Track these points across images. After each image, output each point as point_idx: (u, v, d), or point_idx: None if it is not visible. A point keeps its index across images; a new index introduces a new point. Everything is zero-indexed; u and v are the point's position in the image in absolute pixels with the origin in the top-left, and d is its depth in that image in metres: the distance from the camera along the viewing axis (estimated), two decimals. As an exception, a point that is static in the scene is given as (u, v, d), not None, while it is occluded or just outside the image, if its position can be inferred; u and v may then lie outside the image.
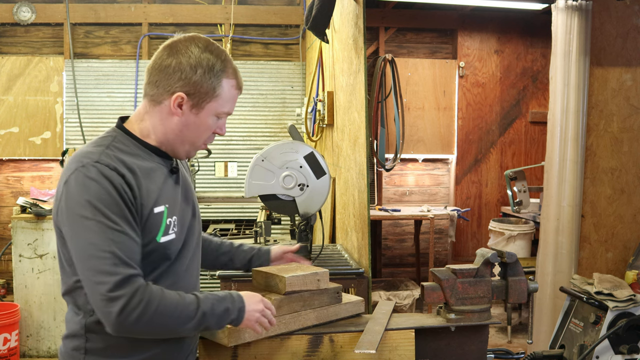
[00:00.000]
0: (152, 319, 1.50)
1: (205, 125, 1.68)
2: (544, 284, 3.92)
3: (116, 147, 1.61)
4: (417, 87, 6.06)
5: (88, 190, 1.50)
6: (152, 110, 1.66)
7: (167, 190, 1.68)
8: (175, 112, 1.64)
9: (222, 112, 1.69)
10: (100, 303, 1.47)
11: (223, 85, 1.66)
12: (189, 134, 1.68)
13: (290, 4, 5.82)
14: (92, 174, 1.52)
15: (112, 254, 1.47)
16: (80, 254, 1.50)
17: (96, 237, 1.48)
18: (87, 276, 1.49)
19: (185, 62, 1.62)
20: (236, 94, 1.71)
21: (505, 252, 2.07)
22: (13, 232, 4.55)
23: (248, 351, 1.86)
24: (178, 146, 1.69)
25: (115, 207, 1.51)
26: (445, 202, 6.31)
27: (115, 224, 1.50)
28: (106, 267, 1.46)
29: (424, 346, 2.00)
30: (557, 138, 3.90)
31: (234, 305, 1.66)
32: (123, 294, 1.46)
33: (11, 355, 4.34)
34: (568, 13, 3.83)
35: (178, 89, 1.62)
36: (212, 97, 1.65)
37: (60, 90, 5.54)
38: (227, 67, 1.67)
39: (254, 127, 5.79)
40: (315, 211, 3.01)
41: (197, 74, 1.62)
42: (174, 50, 1.63)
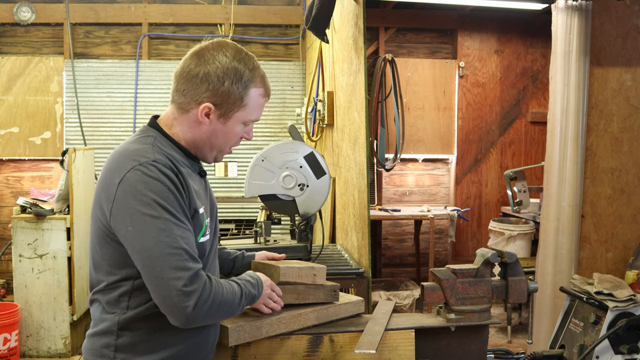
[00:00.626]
0: (217, 309, 1.57)
1: (232, 133, 1.70)
2: (544, 284, 3.91)
3: (158, 147, 1.62)
4: (417, 87, 6.07)
5: (151, 188, 1.51)
6: (180, 117, 1.68)
7: (201, 191, 1.72)
8: (203, 121, 1.65)
9: (249, 120, 1.71)
10: (177, 298, 1.48)
11: (251, 94, 1.67)
12: (217, 142, 1.70)
13: (290, 4, 5.82)
14: (153, 172, 1.53)
15: (183, 250, 1.50)
16: (150, 252, 1.49)
17: (165, 235, 1.49)
18: (159, 274, 1.49)
19: (213, 72, 1.62)
20: (264, 101, 1.73)
21: (505, 252, 2.07)
22: (13, 232, 4.55)
23: (248, 351, 1.86)
24: (206, 152, 1.72)
25: (177, 205, 1.53)
26: (445, 202, 6.31)
27: (180, 221, 1.53)
28: (180, 262, 1.49)
29: (424, 346, 2.00)
30: (557, 138, 3.90)
31: (258, 291, 1.77)
32: (196, 289, 1.50)
33: (11, 355, 4.34)
34: (568, 13, 3.83)
35: (205, 100, 1.63)
36: (239, 106, 1.66)
37: (60, 90, 5.54)
38: (255, 76, 1.67)
39: (254, 127, 5.77)
40: (315, 211, 3.01)
41: (224, 85, 1.63)
42: (202, 59, 1.64)
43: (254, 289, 1.75)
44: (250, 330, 1.81)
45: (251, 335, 1.82)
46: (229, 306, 1.62)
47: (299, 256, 3.22)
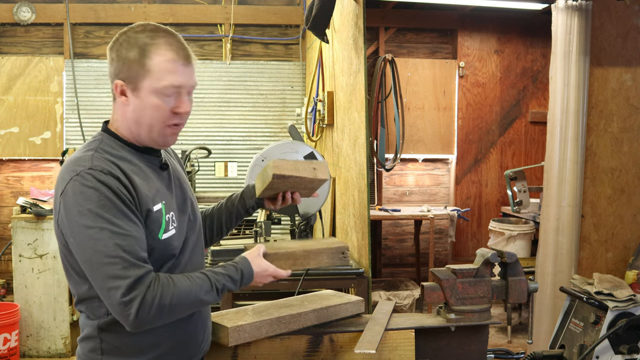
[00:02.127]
0: (170, 309, 1.53)
1: (151, 105, 1.59)
2: (544, 284, 3.91)
3: (104, 150, 1.60)
4: (417, 87, 6.06)
5: (87, 198, 1.50)
6: (114, 108, 1.67)
7: (161, 187, 1.67)
8: (122, 100, 1.62)
9: (161, 87, 1.58)
10: (117, 308, 1.49)
11: (152, 59, 1.58)
12: (145, 119, 1.61)
13: (290, 4, 5.82)
14: (88, 180, 1.51)
15: (120, 259, 1.48)
16: (90, 263, 1.50)
17: (102, 244, 1.48)
18: (99, 284, 1.50)
19: (116, 49, 1.61)
20: (177, 65, 1.60)
21: (505, 252, 2.07)
22: (13, 232, 4.55)
23: (248, 351, 1.86)
24: (143, 134, 1.64)
25: (115, 211, 1.51)
26: (445, 202, 6.31)
27: (119, 228, 1.50)
28: (117, 271, 1.48)
29: (424, 346, 2.00)
30: (557, 138, 3.90)
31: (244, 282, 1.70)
32: (136, 295, 1.48)
33: (11, 355, 4.34)
34: (568, 13, 3.83)
35: (116, 77, 1.62)
36: (143, 75, 1.58)
37: (60, 90, 5.54)
38: (156, 39, 1.60)
39: (254, 127, 5.79)
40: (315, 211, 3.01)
41: (126, 57, 1.59)
42: (112, 45, 1.64)
43: (233, 283, 1.67)
44: (250, 330, 1.81)
45: (251, 335, 1.82)
46: (189, 304, 1.58)
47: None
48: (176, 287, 1.54)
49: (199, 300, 1.59)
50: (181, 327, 1.68)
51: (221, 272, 1.66)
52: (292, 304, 2.01)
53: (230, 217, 2.00)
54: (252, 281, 1.73)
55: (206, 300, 1.61)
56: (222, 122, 5.75)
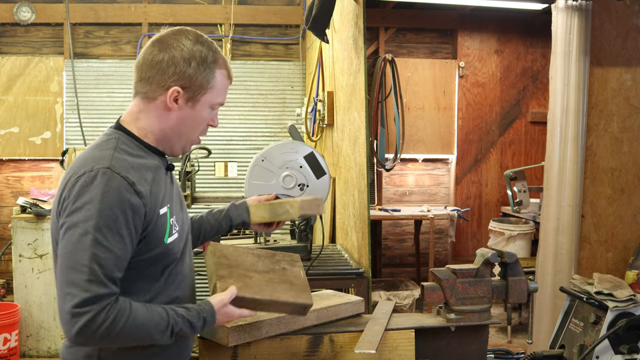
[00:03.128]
0: (117, 337, 1.47)
1: (201, 118, 1.68)
2: (544, 284, 3.91)
3: (122, 150, 1.58)
4: (417, 87, 6.06)
5: (91, 198, 1.46)
6: (146, 108, 1.64)
7: (167, 189, 1.67)
8: (171, 107, 1.62)
9: (216, 103, 1.69)
10: (64, 316, 1.43)
11: (216, 76, 1.66)
12: (186, 128, 1.67)
13: (290, 4, 5.82)
14: (101, 181, 1.47)
15: (89, 270, 1.43)
16: (62, 259, 1.46)
17: (79, 249, 1.44)
18: (59, 284, 1.45)
19: (179, 55, 1.60)
20: (228, 83, 1.71)
21: (505, 252, 2.07)
22: (13, 232, 4.55)
23: (248, 351, 1.86)
24: (175, 142, 1.68)
25: (110, 221, 1.46)
26: (445, 202, 6.31)
27: (105, 239, 1.45)
28: (79, 281, 1.42)
29: (424, 346, 2.00)
30: (557, 138, 3.90)
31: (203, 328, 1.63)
32: (87, 311, 1.42)
33: (11, 355, 4.34)
34: (568, 13, 3.83)
35: (173, 84, 1.60)
36: (206, 89, 1.64)
37: (60, 90, 5.53)
38: (218, 58, 1.66)
39: (254, 127, 5.79)
40: (315, 211, 3.00)
41: (191, 66, 1.61)
42: (164, 45, 1.61)
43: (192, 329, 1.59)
44: (250, 330, 1.81)
45: (251, 335, 1.82)
46: (138, 337, 1.51)
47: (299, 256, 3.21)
48: (130, 318, 1.48)
49: (149, 338, 1.53)
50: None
51: (182, 315, 1.57)
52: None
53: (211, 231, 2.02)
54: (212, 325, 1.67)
55: (157, 340, 1.54)
56: (222, 122, 5.73)
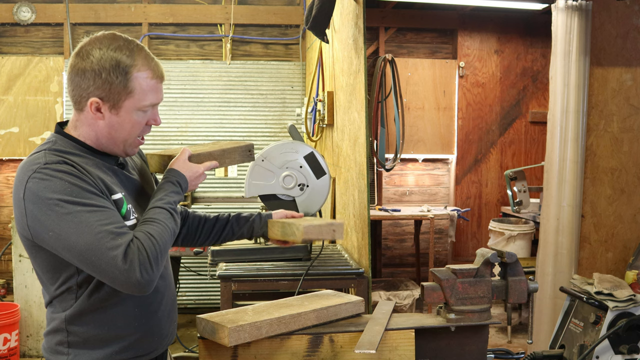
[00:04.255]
0: (162, 251, 1.59)
1: (130, 123, 1.67)
2: (544, 284, 3.91)
3: (57, 149, 1.62)
4: (417, 87, 6.06)
5: (52, 190, 1.52)
6: (78, 118, 1.68)
7: (120, 180, 1.72)
8: (96, 116, 1.65)
9: (143, 106, 1.66)
10: (122, 277, 1.51)
11: (134, 80, 1.63)
12: (118, 135, 1.67)
13: (290, 4, 5.82)
14: (48, 173, 1.53)
15: (103, 233, 1.51)
16: (79, 248, 1.51)
17: (84, 226, 1.50)
18: (95, 264, 1.51)
19: (89, 67, 1.61)
20: (154, 83, 1.67)
21: (505, 252, 2.07)
22: (13, 232, 4.55)
23: (248, 351, 1.86)
24: (113, 147, 1.70)
25: (82, 191, 1.53)
26: (445, 202, 6.31)
27: (93, 206, 1.53)
28: (107, 244, 1.50)
29: (424, 346, 2.00)
30: (557, 138, 3.90)
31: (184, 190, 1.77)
32: (132, 258, 1.51)
33: (11, 355, 4.34)
34: (568, 13, 3.83)
35: (92, 95, 1.62)
36: (126, 94, 1.63)
37: (60, 90, 5.54)
38: (135, 61, 1.63)
39: (254, 127, 5.79)
40: (315, 211, 3.01)
41: (102, 76, 1.61)
42: (79, 56, 1.64)
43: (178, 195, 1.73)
44: (250, 330, 1.81)
45: (251, 335, 1.82)
46: (168, 238, 1.63)
47: (299, 256, 3.22)
48: (153, 236, 1.58)
49: (172, 231, 1.65)
50: (145, 321, 1.72)
51: (166, 194, 1.70)
52: (292, 304, 2.01)
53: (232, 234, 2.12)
54: (188, 184, 1.79)
55: (175, 227, 1.67)
56: (222, 122, 5.75)
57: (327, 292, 2.22)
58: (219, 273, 3.02)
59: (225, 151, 1.93)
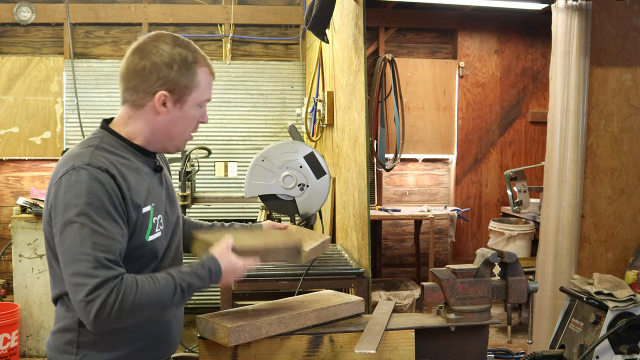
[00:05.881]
0: (131, 312, 1.53)
1: (190, 117, 1.72)
2: (544, 284, 3.91)
3: (104, 148, 1.63)
4: (417, 87, 6.06)
5: (77, 194, 1.53)
6: (135, 114, 1.70)
7: (153, 189, 1.72)
8: (160, 110, 1.67)
9: (203, 100, 1.73)
10: (79, 305, 1.50)
11: (199, 74, 1.70)
12: (177, 129, 1.72)
13: (290, 4, 5.82)
14: (83, 176, 1.54)
15: (93, 258, 1.50)
16: (64, 255, 1.53)
17: (79, 240, 1.50)
18: (68, 278, 1.52)
19: (159, 60, 1.65)
20: (211, 79, 1.75)
21: (505, 252, 2.06)
22: (13, 232, 4.55)
23: (248, 351, 1.86)
24: (167, 142, 1.73)
25: (101, 210, 1.53)
26: (445, 202, 6.31)
27: (101, 227, 1.52)
28: (86, 270, 1.49)
29: (424, 346, 2.00)
30: (557, 138, 3.90)
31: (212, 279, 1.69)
32: (98, 296, 1.48)
33: (11, 355, 4.34)
34: (568, 13, 3.83)
35: (159, 89, 1.65)
36: (192, 88, 1.69)
37: (60, 90, 5.54)
38: (198, 57, 1.71)
39: (254, 127, 5.79)
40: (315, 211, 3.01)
41: (173, 69, 1.65)
42: (144, 52, 1.66)
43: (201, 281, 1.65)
44: (250, 330, 1.81)
45: (251, 335, 1.82)
46: (152, 305, 1.57)
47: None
48: (139, 290, 1.53)
49: (161, 303, 1.59)
50: (157, 328, 1.73)
51: (186, 271, 1.64)
52: (292, 304, 2.01)
53: None
54: (221, 277, 1.71)
55: (170, 303, 1.60)
56: (222, 122, 5.75)
57: (327, 292, 2.22)
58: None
59: (269, 250, 1.84)
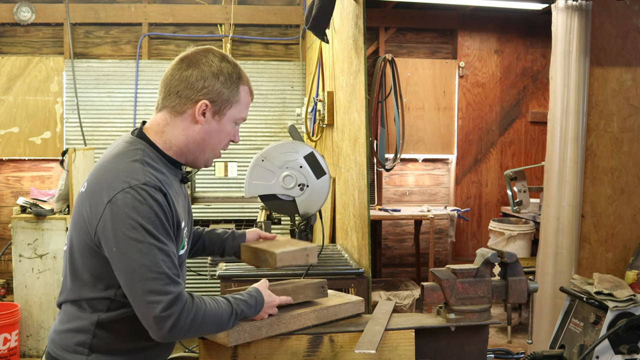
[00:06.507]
0: (197, 329, 1.61)
1: (225, 132, 1.75)
2: (544, 284, 3.91)
3: (148, 164, 1.64)
4: (417, 87, 6.06)
5: (140, 213, 1.54)
6: (173, 121, 1.71)
7: (183, 202, 1.77)
8: (199, 120, 1.69)
9: (240, 118, 1.76)
10: (152, 320, 1.53)
11: (241, 91, 1.74)
12: (211, 142, 1.74)
13: (290, 4, 5.82)
14: (143, 196, 1.55)
15: (163, 275, 1.54)
16: (133, 275, 1.53)
17: (148, 259, 1.53)
18: (139, 296, 1.54)
19: (208, 70, 1.68)
20: (250, 99, 1.79)
21: (505, 252, 2.06)
22: (13, 232, 4.55)
23: (248, 351, 1.86)
24: (198, 155, 1.75)
25: (161, 228, 1.57)
26: (445, 202, 6.31)
27: (164, 244, 1.56)
28: (160, 287, 1.53)
29: (424, 346, 2.00)
30: (557, 138, 3.90)
31: (256, 309, 1.79)
32: (173, 312, 1.54)
33: (11, 355, 4.34)
34: (568, 13, 3.83)
35: (202, 97, 1.68)
36: (232, 103, 1.72)
37: (60, 90, 5.54)
38: (242, 75, 1.75)
39: (254, 127, 5.79)
40: (315, 211, 3.01)
41: (219, 81, 1.69)
42: (193, 61, 1.70)
43: (249, 309, 1.75)
44: (250, 330, 1.81)
45: (251, 335, 1.82)
46: (213, 325, 1.66)
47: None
48: (206, 310, 1.61)
49: (222, 324, 1.67)
50: None
51: (240, 299, 1.73)
52: (292, 304, 2.01)
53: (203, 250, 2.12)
54: (261, 309, 1.80)
55: (227, 324, 1.69)
56: (222, 122, 5.74)
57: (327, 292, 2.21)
58: (219, 273, 3.02)
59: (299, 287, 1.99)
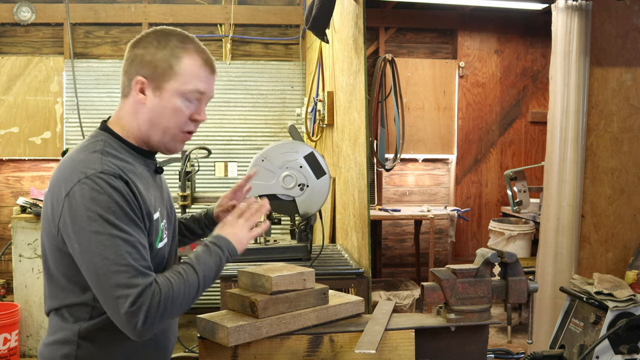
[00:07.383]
0: (171, 310, 1.50)
1: (171, 108, 1.59)
2: (544, 284, 3.91)
3: (109, 153, 1.56)
4: (417, 87, 6.07)
5: (98, 204, 1.45)
6: (123, 106, 1.64)
7: (156, 193, 1.66)
8: (140, 99, 1.59)
9: (186, 91, 1.59)
10: (124, 317, 1.44)
11: (182, 62, 1.59)
12: (160, 121, 1.60)
13: (290, 4, 5.82)
14: (100, 185, 1.46)
15: (129, 267, 1.44)
16: (97, 270, 1.45)
17: (111, 251, 1.44)
18: (106, 292, 1.45)
19: (141, 46, 1.60)
20: (204, 72, 1.62)
21: (505, 252, 2.06)
22: (13, 232, 4.55)
23: (248, 351, 1.86)
24: (153, 137, 1.62)
25: (125, 217, 1.47)
26: (445, 202, 6.31)
27: (128, 235, 1.47)
28: (125, 280, 1.43)
29: (424, 346, 2.00)
30: (557, 138, 3.90)
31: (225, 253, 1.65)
32: (143, 303, 1.44)
33: (11, 355, 4.34)
34: (568, 13, 3.83)
35: (136, 74, 1.59)
36: (170, 75, 1.58)
37: (60, 90, 5.54)
38: (187, 44, 1.60)
39: (254, 127, 5.79)
40: (315, 211, 3.01)
41: (149, 52, 1.58)
42: (136, 43, 1.62)
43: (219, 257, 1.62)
44: (250, 330, 1.81)
45: (251, 335, 1.82)
46: (186, 298, 1.53)
47: (299, 256, 3.22)
48: (174, 289, 1.51)
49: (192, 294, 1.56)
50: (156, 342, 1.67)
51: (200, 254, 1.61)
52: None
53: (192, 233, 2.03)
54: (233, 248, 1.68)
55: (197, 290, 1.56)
56: (222, 122, 5.75)
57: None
58: (219, 273, 3.02)
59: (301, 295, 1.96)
